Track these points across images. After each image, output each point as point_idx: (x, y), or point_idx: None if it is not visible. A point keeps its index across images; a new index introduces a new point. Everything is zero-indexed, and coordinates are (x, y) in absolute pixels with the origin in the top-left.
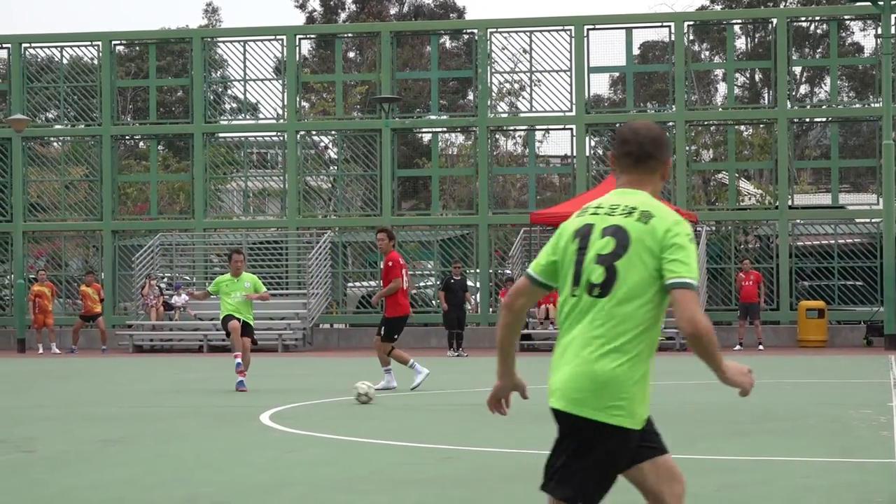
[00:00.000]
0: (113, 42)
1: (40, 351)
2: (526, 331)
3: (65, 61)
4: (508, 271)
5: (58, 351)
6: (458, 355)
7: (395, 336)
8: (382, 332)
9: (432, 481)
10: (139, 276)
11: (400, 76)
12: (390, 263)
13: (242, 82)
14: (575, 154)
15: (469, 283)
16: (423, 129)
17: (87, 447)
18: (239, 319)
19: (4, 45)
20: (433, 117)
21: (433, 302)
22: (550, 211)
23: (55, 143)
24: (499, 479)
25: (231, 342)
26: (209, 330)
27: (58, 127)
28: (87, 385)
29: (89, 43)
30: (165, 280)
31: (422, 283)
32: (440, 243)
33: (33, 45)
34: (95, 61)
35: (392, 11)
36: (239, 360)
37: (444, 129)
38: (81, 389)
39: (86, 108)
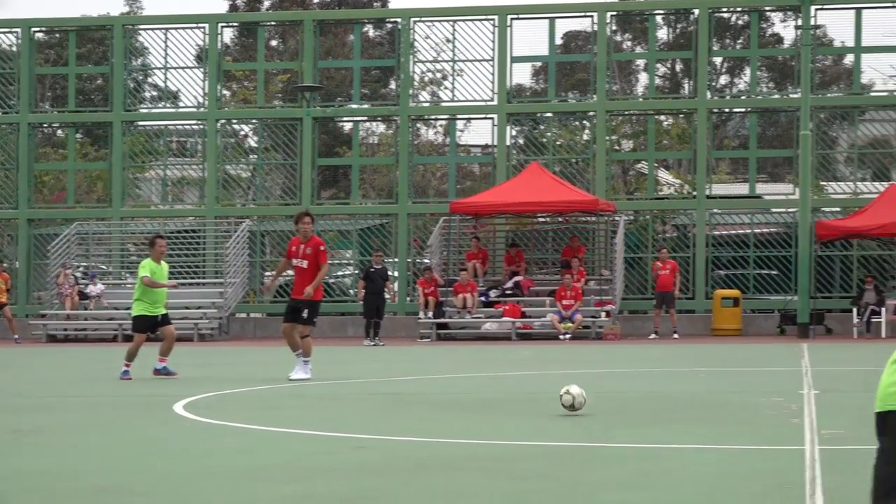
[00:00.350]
0: (32, 29)
1: None
2: (443, 319)
3: None
4: (427, 260)
5: None
6: (374, 344)
7: (315, 321)
8: (307, 316)
9: (346, 470)
10: (54, 266)
11: (322, 65)
12: (321, 248)
13: (163, 70)
14: (496, 143)
15: (388, 272)
16: (345, 118)
17: (2, 437)
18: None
19: None
20: (355, 106)
21: (350, 291)
22: (470, 200)
23: None
24: (413, 468)
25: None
26: (124, 319)
27: None
28: (0, 375)
29: (8, 29)
30: (81, 269)
31: (340, 273)
32: (359, 232)
33: None
34: (14, 48)
35: (315, 0)
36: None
37: (366, 118)
38: None
39: (3, 96)
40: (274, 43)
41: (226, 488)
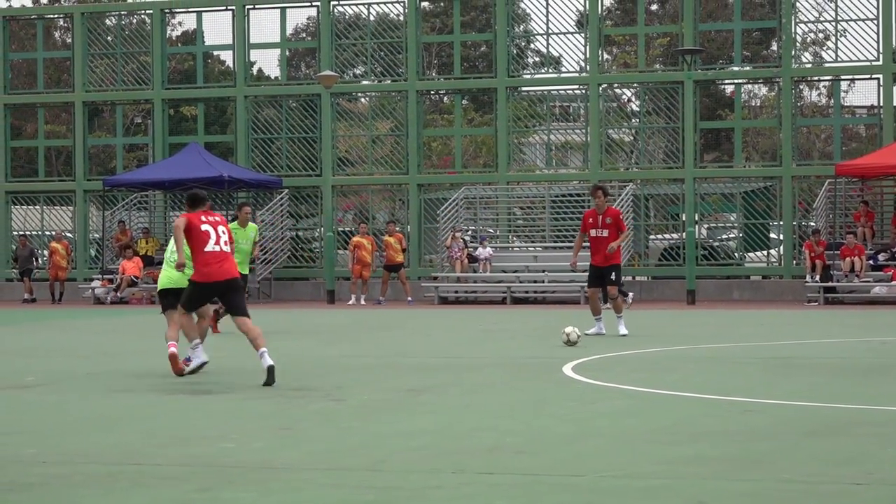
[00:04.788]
0: None
1: (351, 301)
2: (831, 283)
3: (372, 18)
4: (812, 224)
5: (364, 303)
6: None
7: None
8: (615, 278)
9: (735, 434)
10: (444, 230)
11: (703, 28)
12: (620, 216)
13: (545, 36)
14: (882, 104)
15: (772, 235)
16: (726, 81)
17: (395, 396)
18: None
19: (314, 4)
20: (736, 69)
21: (735, 254)
22: (856, 162)
23: (362, 99)
24: (802, 433)
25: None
26: (512, 282)
27: (365, 83)
28: (394, 336)
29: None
30: (469, 233)
31: (724, 236)
32: (743, 195)
33: (342, 2)
34: (401, 17)
35: None
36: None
37: (747, 81)
38: (389, 340)
39: (392, 64)
40: (654, 7)
41: (614, 450)
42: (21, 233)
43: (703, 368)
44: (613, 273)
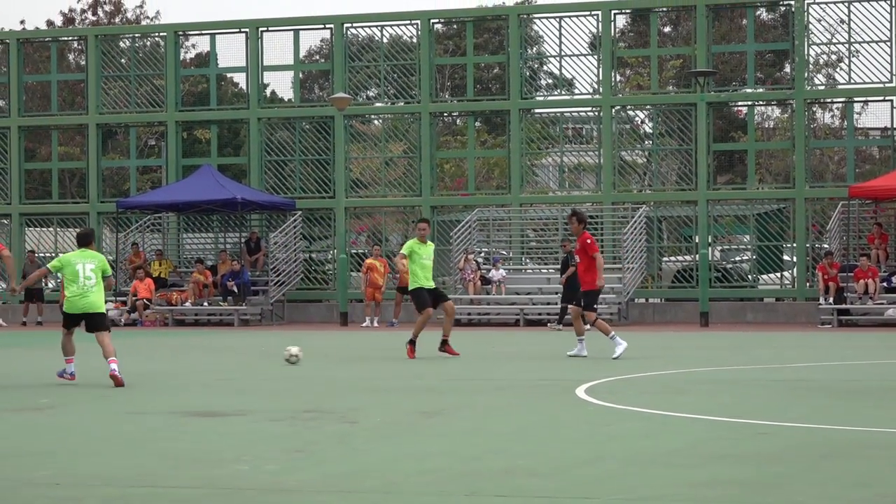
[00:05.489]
0: (431, 20)
1: (364, 324)
2: (844, 305)
3: (385, 40)
4: (826, 246)
5: (377, 325)
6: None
7: (595, 306)
8: (583, 303)
9: (749, 456)
10: (457, 252)
11: (716, 49)
12: (588, 241)
13: (558, 58)
14: (895, 126)
15: (786, 257)
16: (739, 103)
17: (408, 418)
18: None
19: (327, 26)
20: (749, 90)
21: (748, 276)
22: (870, 184)
23: (375, 121)
24: (816, 456)
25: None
26: (525, 304)
27: (378, 105)
28: (407, 358)
29: (408, 22)
30: (483, 255)
31: (738, 258)
32: (756, 217)
33: (354, 24)
34: (415, 40)
35: None
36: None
37: (761, 103)
38: (402, 362)
39: (405, 86)
40: (667, 29)
41: (628, 473)
42: (29, 248)
43: (716, 391)
44: (583, 297)
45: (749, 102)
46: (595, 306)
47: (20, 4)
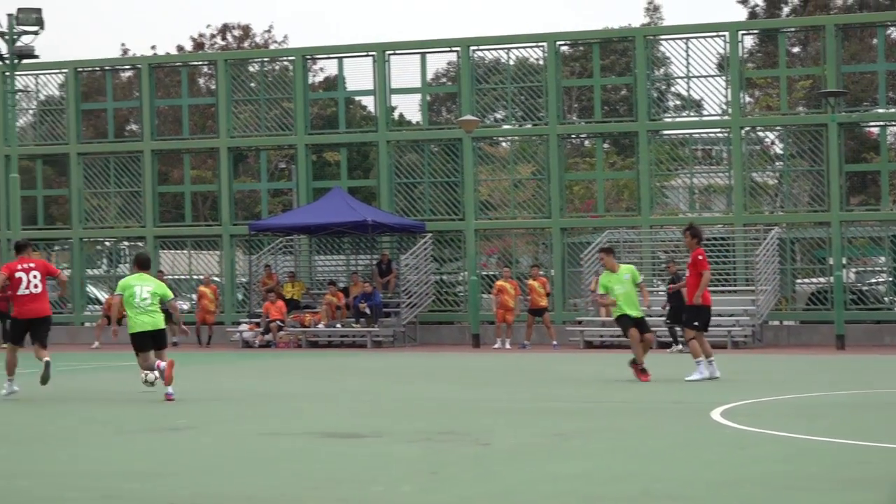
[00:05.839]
0: (557, 42)
1: (496, 345)
2: None
3: (511, 62)
4: None
5: (509, 347)
6: None
7: (696, 324)
8: (684, 319)
9: (884, 481)
10: (588, 273)
11: (846, 70)
12: (700, 257)
13: (685, 79)
14: None
15: None
16: (871, 123)
17: (542, 440)
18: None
19: (454, 49)
20: (881, 110)
21: (885, 299)
22: None
23: (503, 143)
24: None
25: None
26: (656, 326)
27: (506, 127)
28: (540, 380)
29: (535, 44)
30: None
31: (874, 280)
32: (891, 238)
33: (481, 47)
34: (541, 62)
35: (838, 3)
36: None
37: (894, 123)
38: (535, 384)
39: (533, 108)
40: (796, 49)
41: (766, 497)
42: (159, 269)
43: (854, 414)
44: (691, 316)
45: (881, 123)
46: (696, 323)
47: (151, 31)
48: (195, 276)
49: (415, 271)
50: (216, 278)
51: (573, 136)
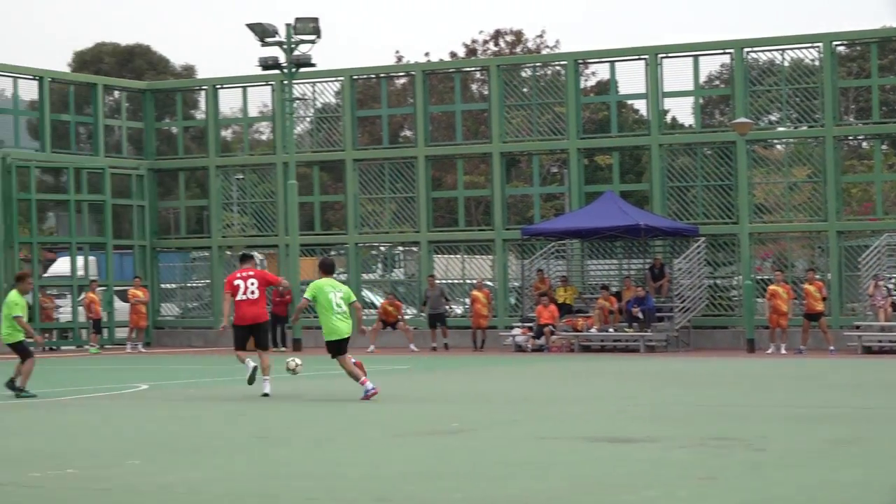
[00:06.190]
0: (833, 43)
1: (770, 350)
2: None
3: (786, 63)
4: None
5: (784, 352)
6: None
7: None
8: None
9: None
10: (866, 277)
11: None
12: None
13: None
14: None
15: None
16: None
17: (819, 446)
18: None
19: (727, 50)
20: None
21: None
22: None
23: (778, 145)
24: None
25: None
26: None
27: (780, 129)
28: (817, 385)
29: (810, 44)
30: (893, 281)
31: None
32: None
33: (754, 48)
34: (817, 62)
35: None
36: None
37: None
38: (812, 389)
39: (808, 109)
40: None
41: None
42: (430, 273)
43: None
44: None
45: None
46: None
47: (425, 38)
48: (468, 281)
49: (688, 275)
50: (489, 282)
51: (850, 137)
